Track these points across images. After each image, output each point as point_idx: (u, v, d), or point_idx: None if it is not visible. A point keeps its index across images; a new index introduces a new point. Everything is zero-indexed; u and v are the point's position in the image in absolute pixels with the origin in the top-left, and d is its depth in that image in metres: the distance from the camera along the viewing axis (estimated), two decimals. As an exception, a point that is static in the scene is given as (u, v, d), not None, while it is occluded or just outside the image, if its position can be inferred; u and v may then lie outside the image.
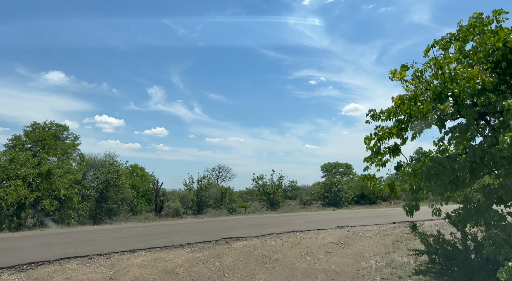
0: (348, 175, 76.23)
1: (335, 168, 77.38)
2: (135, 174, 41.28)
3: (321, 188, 34.45)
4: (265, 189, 31.57)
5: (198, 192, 33.06)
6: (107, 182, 21.84)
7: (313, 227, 13.88)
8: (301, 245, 10.57)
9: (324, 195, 33.63)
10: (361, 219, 17.45)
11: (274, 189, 31.55)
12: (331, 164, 77.36)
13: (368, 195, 47.15)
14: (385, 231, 13.42)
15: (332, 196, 33.21)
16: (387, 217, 18.10)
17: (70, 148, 40.72)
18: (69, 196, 19.94)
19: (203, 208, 33.46)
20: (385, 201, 50.25)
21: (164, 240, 11.06)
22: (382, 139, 7.38)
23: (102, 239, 11.30)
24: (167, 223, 17.31)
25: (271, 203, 31.59)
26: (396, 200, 52.09)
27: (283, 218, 17.73)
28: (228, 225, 14.92)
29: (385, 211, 22.64)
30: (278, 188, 31.92)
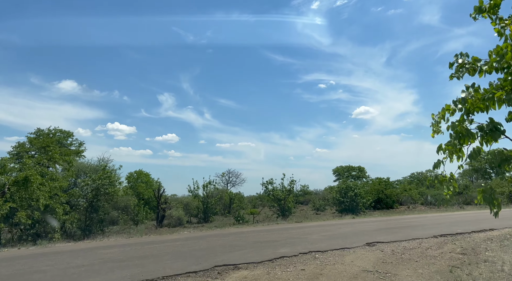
0: (361, 178, 72.32)
1: (348, 171, 73.58)
2: (140, 180, 38.34)
3: (336, 192, 30.88)
4: (275, 194, 28.18)
5: (204, 199, 29.87)
6: (97, 189, 18.78)
7: (335, 245, 10.50)
8: (324, 276, 7.23)
9: (340, 201, 30.05)
10: (390, 231, 13.98)
11: (285, 195, 28.14)
12: (344, 168, 73.57)
13: (384, 199, 43.50)
14: (430, 250, 9.98)
15: (349, 202, 29.64)
16: (421, 228, 14.61)
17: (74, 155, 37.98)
18: (53, 206, 16.93)
19: (209, 216, 30.23)
20: (402, 205, 46.38)
21: (131, 271, 7.83)
22: (474, 110, 4.03)
23: (50, 271, 8.09)
24: (157, 239, 14.03)
25: (282, 209, 28.19)
26: (414, 204, 48.19)
27: (296, 231, 14.32)
28: (229, 242, 11.60)
29: (412, 219, 19.04)
30: (290, 194, 28.49)
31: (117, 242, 13.74)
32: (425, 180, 67.49)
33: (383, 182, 48.08)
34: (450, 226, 15.43)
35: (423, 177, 69.89)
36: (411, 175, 73.24)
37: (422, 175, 71.85)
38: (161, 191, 27.26)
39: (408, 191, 50.09)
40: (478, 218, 18.45)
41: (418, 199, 48.86)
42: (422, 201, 47.40)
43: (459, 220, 18.00)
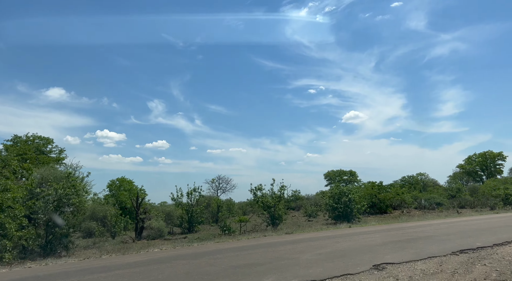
0: (353, 182, 70.04)
1: (339, 176, 71.29)
2: (123, 188, 35.46)
3: (329, 198, 28.32)
4: (264, 201, 25.53)
5: (188, 208, 27.11)
6: (59, 200, 15.95)
7: (334, 271, 7.89)
8: None
9: (333, 207, 27.47)
10: (397, 245, 11.40)
11: (275, 202, 25.49)
12: (335, 172, 71.28)
13: (378, 204, 41.14)
14: (458, 276, 7.45)
15: (342, 208, 27.08)
16: (431, 241, 12.08)
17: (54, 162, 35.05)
18: (2, 221, 14.12)
19: (194, 225, 27.45)
20: (395, 210, 44.00)
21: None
22: None
23: None
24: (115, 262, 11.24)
25: (272, 217, 25.53)
26: (407, 208, 45.85)
27: (285, 248, 11.64)
28: (198, 268, 8.87)
29: (416, 228, 16.49)
30: (280, 200, 25.84)
31: (65, 266, 10.92)
32: (417, 184, 65.44)
33: (376, 186, 45.68)
34: (463, 236, 12.92)
35: (414, 181, 67.80)
36: (402, 179, 71.12)
37: (413, 178, 69.78)
38: (140, 199, 24.42)
39: (401, 195, 47.74)
40: (490, 226, 16.01)
41: (411, 203, 46.56)
42: (415, 205, 45.06)
43: (468, 228, 15.52)
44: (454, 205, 43.71)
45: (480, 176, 65.91)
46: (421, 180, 68.76)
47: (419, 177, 69.15)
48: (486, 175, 64.11)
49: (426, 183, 67.43)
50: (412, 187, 58.28)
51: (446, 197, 48.48)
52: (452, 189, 53.47)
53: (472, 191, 53.20)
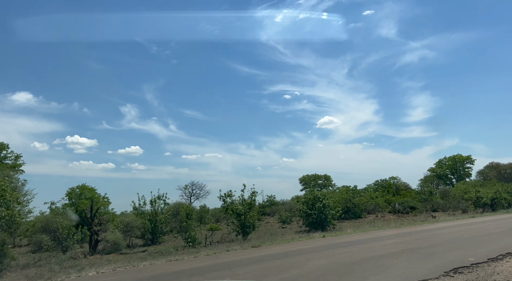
0: (327, 187, 68.60)
1: (314, 180, 69.65)
2: (83, 196, 32.29)
3: (302, 204, 26.25)
4: (234, 209, 23.21)
5: (152, 217, 24.42)
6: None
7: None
8: None
9: (307, 213, 25.40)
10: (377, 263, 9.34)
11: (245, 209, 23.20)
12: (310, 177, 69.61)
13: (352, 208, 39.49)
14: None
15: (317, 214, 25.04)
16: (416, 255, 10.09)
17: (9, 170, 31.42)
18: None
19: (158, 236, 24.77)
20: (370, 214, 42.55)
21: None
22: None
23: None
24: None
25: (243, 226, 23.22)
26: (381, 212, 44.47)
27: (244, 271, 9.35)
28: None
29: (394, 238, 14.57)
30: (250, 207, 23.56)
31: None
32: (390, 187, 64.59)
33: (351, 190, 44.14)
34: (450, 248, 11.01)
35: (387, 185, 66.99)
36: (376, 183, 70.18)
37: (386, 182, 69.01)
38: (95, 209, 21.60)
39: (375, 199, 46.41)
40: (473, 234, 14.26)
41: (385, 207, 45.27)
42: (390, 209, 43.74)
43: (451, 237, 13.72)
44: (427, 209, 42.62)
45: (450, 179, 65.77)
46: (393, 184, 68.03)
47: (391, 181, 68.44)
48: (456, 178, 64.00)
49: (399, 186, 66.73)
50: (386, 191, 57.22)
51: (419, 201, 47.48)
52: (424, 192, 52.64)
53: (443, 194, 52.55)
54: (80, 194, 31.60)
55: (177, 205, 44.74)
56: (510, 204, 36.44)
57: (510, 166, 63.46)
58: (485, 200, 34.70)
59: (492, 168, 64.83)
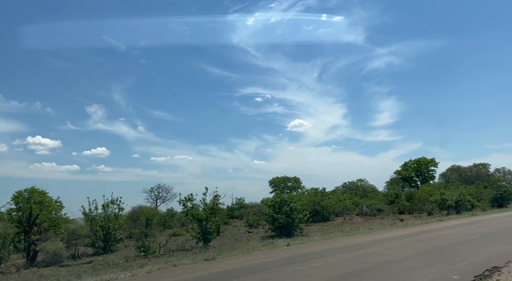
0: (297, 189, 67.32)
1: (284, 182, 68.13)
2: (33, 200, 28.90)
3: (269, 208, 24.38)
4: (194, 214, 21.03)
5: (104, 223, 21.80)
6: None
7: None
8: None
9: (273, 217, 23.55)
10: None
11: (207, 214, 21.07)
12: (280, 179, 68.05)
13: (321, 211, 38.07)
14: None
15: (283, 218, 23.24)
16: (392, 273, 8.42)
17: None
18: None
19: (111, 244, 22.14)
20: (338, 217, 41.32)
21: None
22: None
23: None
24: None
25: (204, 232, 21.08)
26: (349, 215, 43.37)
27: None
28: None
29: (365, 248, 12.89)
30: (212, 212, 21.43)
31: None
32: (357, 190, 64.12)
33: (319, 193, 42.81)
34: (428, 262, 9.39)
35: (355, 187, 66.53)
36: (344, 185, 69.60)
37: (353, 184, 68.59)
38: (34, 215, 18.78)
39: (343, 202, 45.34)
40: (448, 241, 12.82)
41: (353, 209, 44.26)
42: (357, 212, 42.72)
43: (426, 246, 12.18)
44: (394, 211, 41.93)
45: (415, 181, 66.14)
46: (361, 186, 67.72)
47: (359, 183, 68.13)
48: (421, 181, 64.38)
49: (366, 189, 66.46)
50: (353, 193, 56.48)
51: (385, 203, 46.90)
52: (391, 194, 52.25)
53: (409, 196, 52.36)
54: (29, 198, 28.22)
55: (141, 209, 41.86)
56: (473, 206, 36.19)
57: (470, 169, 64.52)
58: (450, 203, 34.19)
59: (454, 171, 65.74)
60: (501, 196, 42.27)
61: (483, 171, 61.31)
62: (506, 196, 42.53)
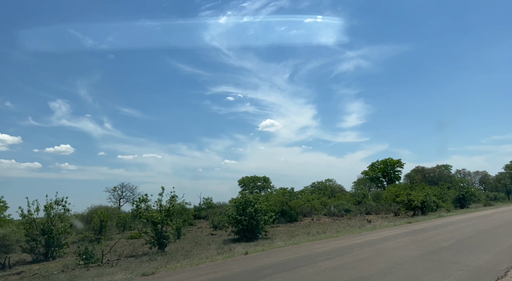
0: (266, 189, 65.70)
1: (253, 182, 66.33)
2: (-30, 200, 25.50)
3: (233, 209, 22.35)
4: (148, 216, 18.65)
5: (47, 226, 18.96)
6: None
7: None
8: None
9: (237, 219, 21.55)
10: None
11: (163, 216, 18.77)
12: (249, 178, 66.16)
13: (288, 211, 36.49)
14: None
15: (247, 220, 21.29)
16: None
17: None
18: None
19: (54, 250, 19.31)
20: (306, 217, 39.95)
21: None
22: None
23: None
24: None
25: (159, 237, 18.77)
26: (317, 215, 42.12)
27: None
28: None
29: (333, 258, 11.12)
30: (169, 214, 19.14)
31: None
32: (326, 190, 63.30)
33: (288, 192, 41.25)
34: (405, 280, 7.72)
35: (323, 187, 65.71)
36: (312, 185, 68.63)
37: (322, 184, 67.77)
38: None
39: (311, 202, 44.05)
40: (423, 249, 11.26)
41: (321, 209, 43.05)
42: (325, 212, 41.52)
43: (399, 255, 10.58)
44: (361, 211, 41.05)
45: (381, 182, 66.16)
46: (329, 186, 67.01)
47: (327, 183, 67.39)
48: (387, 181, 64.43)
49: (334, 189, 65.80)
50: (322, 193, 55.44)
51: (353, 203, 46.05)
52: (358, 195, 51.55)
53: (375, 196, 51.93)
54: (-35, 198, 24.84)
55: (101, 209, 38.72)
56: (438, 207, 35.73)
57: (433, 170, 65.22)
58: (416, 203, 33.47)
59: (418, 171, 66.25)
60: (463, 197, 42.33)
61: (445, 172, 62.09)
62: (467, 197, 42.65)
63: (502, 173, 67.24)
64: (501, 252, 10.35)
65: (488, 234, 14.37)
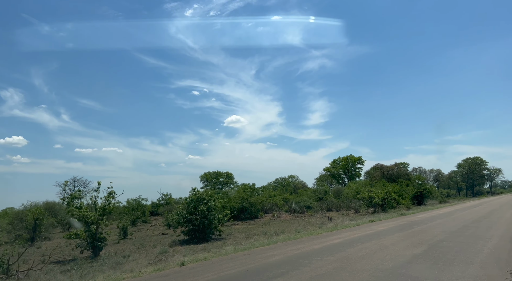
0: (229, 184, 63.15)
1: (216, 177, 63.48)
2: None
3: (183, 207, 19.63)
4: (80, 215, 15.53)
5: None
6: None
7: None
8: None
9: (187, 219, 18.84)
10: None
11: (97, 216, 15.72)
12: (212, 174, 63.23)
13: (249, 208, 34.18)
14: None
15: (199, 219, 18.67)
16: None
17: None
18: None
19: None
20: (267, 214, 37.85)
21: None
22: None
23: None
24: None
25: (93, 239, 15.72)
26: (278, 212, 40.19)
27: None
28: None
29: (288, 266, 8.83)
30: (104, 214, 16.10)
31: None
32: (288, 186, 61.80)
33: (248, 188, 38.92)
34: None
35: (286, 183, 64.18)
36: (276, 181, 66.81)
37: (285, 180, 66.21)
38: None
39: (273, 198, 42.03)
40: (395, 261, 9.23)
41: (283, 206, 41.17)
42: (286, 208, 39.64)
43: (365, 270, 8.47)
44: (322, 208, 39.62)
45: (342, 178, 65.63)
46: (292, 182, 65.57)
47: (290, 180, 65.95)
48: (348, 178, 63.97)
49: (296, 185, 64.48)
50: (284, 189, 53.69)
51: (314, 200, 44.60)
52: (320, 191, 50.25)
53: (336, 193, 50.92)
54: None
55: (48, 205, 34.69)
56: (398, 204, 34.86)
57: (392, 168, 65.52)
58: (377, 201, 32.29)
59: (377, 169, 66.31)
60: (421, 194, 42.05)
61: (403, 170, 62.47)
62: (425, 194, 42.44)
63: (454, 171, 69.10)
64: (486, 261, 8.50)
65: (460, 236, 12.70)
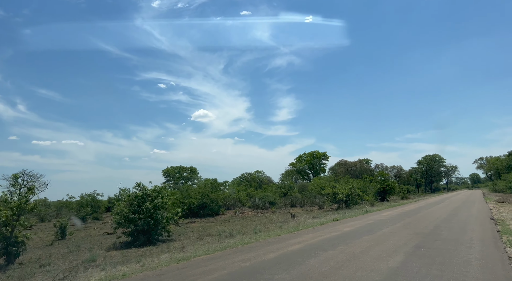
0: (193, 179, 60.05)
1: (179, 172, 60.09)
2: None
3: (124, 205, 16.68)
4: (-15, 216, 12.24)
5: None
6: None
7: None
8: None
9: (129, 218, 15.94)
10: None
11: (11, 215, 12.51)
12: (175, 168, 59.77)
13: (209, 204, 31.59)
14: None
15: (143, 219, 15.85)
16: None
17: None
18: None
19: None
20: (229, 210, 35.44)
21: None
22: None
23: None
24: None
25: (7, 244, 12.55)
26: (241, 208, 38.01)
27: None
28: None
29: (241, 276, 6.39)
30: (21, 212, 12.92)
31: None
32: (254, 181, 59.73)
33: (210, 184, 36.30)
34: None
35: (252, 178, 62.05)
36: (242, 176, 64.45)
37: (251, 176, 64.08)
38: None
39: (236, 193, 39.73)
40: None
41: (246, 201, 38.96)
42: (250, 204, 37.45)
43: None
44: (286, 204, 37.81)
45: (307, 174, 64.47)
46: (258, 177, 63.56)
47: (256, 175, 63.92)
48: (313, 173, 62.85)
49: (262, 180, 62.58)
50: (249, 185, 51.47)
51: (278, 195, 42.76)
52: (285, 186, 48.52)
53: (301, 188, 49.44)
54: None
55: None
56: (362, 200, 33.64)
57: (355, 164, 65.23)
58: (341, 197, 30.81)
59: (342, 165, 65.80)
60: (384, 190, 41.33)
61: (366, 166, 62.26)
62: (388, 190, 41.79)
63: (414, 168, 70.15)
64: (484, 279, 6.51)
65: (437, 240, 10.84)
